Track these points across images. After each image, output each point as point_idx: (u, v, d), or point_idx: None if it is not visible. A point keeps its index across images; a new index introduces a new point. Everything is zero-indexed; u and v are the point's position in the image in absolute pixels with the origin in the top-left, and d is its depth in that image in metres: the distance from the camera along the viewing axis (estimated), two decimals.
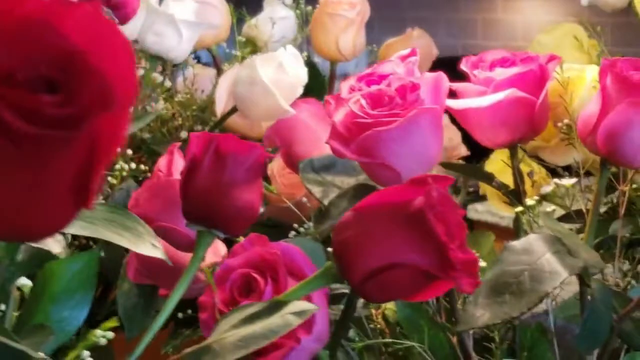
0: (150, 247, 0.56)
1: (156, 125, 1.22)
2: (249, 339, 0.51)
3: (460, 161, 1.22)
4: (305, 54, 1.29)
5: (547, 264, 0.71)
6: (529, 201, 0.82)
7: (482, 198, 1.13)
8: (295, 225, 0.92)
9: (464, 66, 0.87)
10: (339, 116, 0.75)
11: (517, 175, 0.87)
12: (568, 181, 0.83)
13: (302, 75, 0.93)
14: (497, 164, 0.98)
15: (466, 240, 0.54)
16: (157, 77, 1.21)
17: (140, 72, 1.11)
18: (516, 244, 0.75)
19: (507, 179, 0.90)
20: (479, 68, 0.86)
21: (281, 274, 0.69)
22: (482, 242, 0.90)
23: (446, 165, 0.94)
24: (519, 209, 0.82)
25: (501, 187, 0.88)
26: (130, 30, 1.10)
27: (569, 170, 0.90)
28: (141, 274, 0.89)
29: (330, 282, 0.57)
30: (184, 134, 1.15)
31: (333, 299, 0.76)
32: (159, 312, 0.68)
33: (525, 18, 3.86)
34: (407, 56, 0.80)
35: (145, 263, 0.86)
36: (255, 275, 0.70)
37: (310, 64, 1.22)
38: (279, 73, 0.93)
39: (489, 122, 0.85)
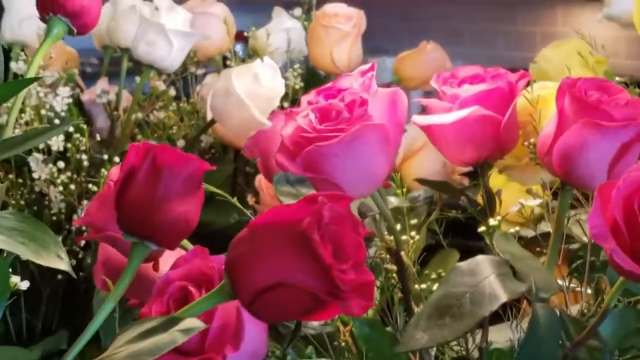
0: (55, 258, 0.56)
1: (164, 133, 1.23)
2: (136, 356, 0.51)
3: (461, 177, 1.20)
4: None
5: (489, 286, 0.70)
6: (492, 221, 0.80)
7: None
8: None
9: (433, 82, 0.86)
10: (288, 130, 0.74)
11: (486, 194, 0.85)
12: (534, 202, 0.81)
13: (278, 88, 0.93)
14: (499, 180, 0.96)
15: (363, 262, 0.53)
16: (161, 85, 1.22)
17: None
18: (463, 264, 0.73)
19: (511, 195, 0.88)
20: (447, 84, 0.84)
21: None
22: (448, 261, 0.88)
23: (418, 180, 0.93)
24: (482, 229, 0.80)
25: (471, 204, 0.87)
26: (124, 38, 1.11)
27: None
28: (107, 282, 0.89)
29: (224, 299, 0.56)
30: (181, 143, 1.15)
31: None
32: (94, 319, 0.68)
33: (585, 32, 3.78)
34: (366, 71, 0.79)
35: (110, 272, 0.86)
36: (192, 289, 0.69)
37: (312, 74, 1.22)
38: (254, 85, 0.92)
39: (454, 139, 0.83)
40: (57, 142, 0.99)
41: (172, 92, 1.22)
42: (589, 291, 0.86)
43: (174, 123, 1.20)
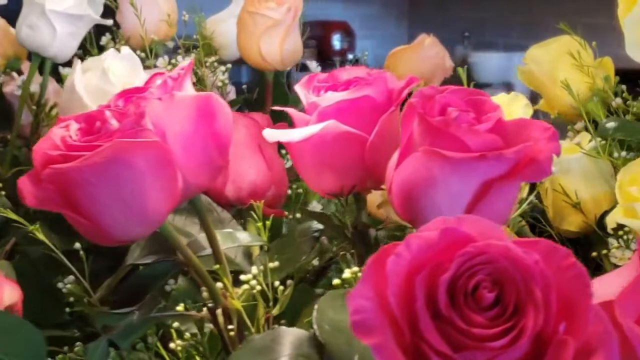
0: None
1: None
2: None
3: None
4: None
5: None
6: (347, 273, 0.60)
7: None
8: None
9: (298, 86, 0.66)
10: (43, 145, 0.56)
11: (357, 234, 0.65)
12: None
13: (135, 85, 0.75)
14: None
15: None
16: None
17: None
18: (258, 338, 0.54)
19: None
20: (311, 89, 0.65)
21: None
22: None
23: (303, 211, 0.74)
24: (336, 281, 0.60)
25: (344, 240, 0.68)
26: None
27: None
28: None
29: None
30: None
31: None
32: None
33: None
34: (184, 68, 0.60)
35: None
36: None
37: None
38: (102, 82, 0.74)
39: (310, 162, 0.64)
40: None
41: None
42: None
43: None
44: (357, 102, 0.62)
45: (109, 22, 0.94)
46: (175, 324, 0.68)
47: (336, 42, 3.99)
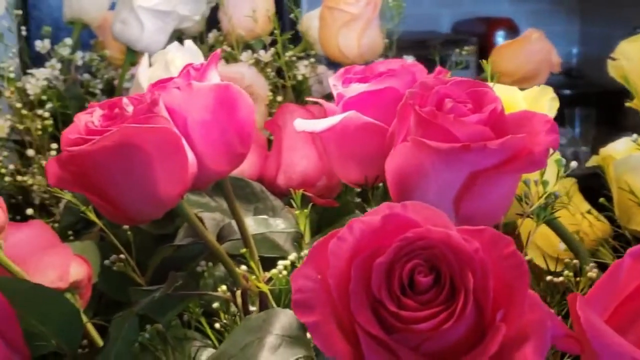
0: None
1: None
2: None
3: None
4: None
5: (256, 352, 0.53)
6: None
7: None
8: None
9: (332, 77, 0.68)
10: (71, 130, 0.60)
11: None
12: None
13: None
14: None
15: None
16: None
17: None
18: (253, 317, 0.56)
19: None
20: (341, 80, 0.67)
21: None
22: None
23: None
24: None
25: None
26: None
27: None
28: None
29: None
30: None
31: None
32: None
33: None
34: (211, 59, 0.63)
35: None
36: None
37: None
38: (165, 73, 0.78)
39: (336, 153, 0.66)
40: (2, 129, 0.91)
41: None
42: None
43: None
44: (379, 93, 0.63)
45: (196, 18, 0.97)
46: (215, 304, 0.71)
47: (499, 38, 3.92)
